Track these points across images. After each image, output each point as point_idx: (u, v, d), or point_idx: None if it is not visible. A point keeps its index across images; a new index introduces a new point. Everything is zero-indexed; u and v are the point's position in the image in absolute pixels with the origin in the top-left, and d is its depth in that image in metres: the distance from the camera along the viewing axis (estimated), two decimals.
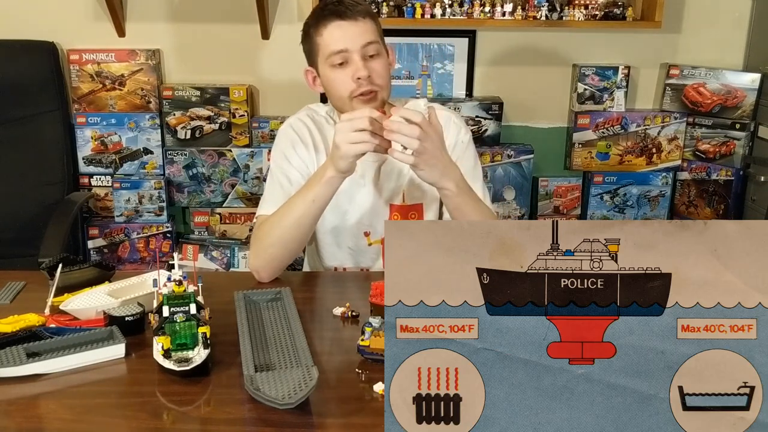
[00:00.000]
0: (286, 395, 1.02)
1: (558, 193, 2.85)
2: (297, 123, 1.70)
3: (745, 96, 2.70)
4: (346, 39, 1.55)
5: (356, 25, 1.54)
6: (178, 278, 1.21)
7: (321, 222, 1.64)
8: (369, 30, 1.56)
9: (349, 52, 1.54)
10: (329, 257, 1.72)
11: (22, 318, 1.29)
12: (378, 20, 1.61)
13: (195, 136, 2.74)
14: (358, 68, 1.54)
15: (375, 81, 1.55)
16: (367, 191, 1.66)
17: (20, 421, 1.06)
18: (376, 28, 1.59)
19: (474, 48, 2.75)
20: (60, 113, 2.65)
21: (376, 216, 1.68)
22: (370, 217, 1.68)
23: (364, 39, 1.55)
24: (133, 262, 2.81)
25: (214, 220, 2.82)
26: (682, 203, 2.88)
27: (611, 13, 2.64)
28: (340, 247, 1.71)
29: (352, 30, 1.54)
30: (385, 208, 1.68)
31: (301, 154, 1.66)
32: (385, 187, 1.67)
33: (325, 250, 1.72)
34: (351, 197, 1.66)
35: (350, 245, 1.70)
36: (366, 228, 1.69)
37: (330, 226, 1.68)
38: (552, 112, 2.85)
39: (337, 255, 1.71)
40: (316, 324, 1.35)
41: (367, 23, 1.56)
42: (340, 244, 1.70)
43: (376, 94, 1.56)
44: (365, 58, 1.55)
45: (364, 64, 1.54)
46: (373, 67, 1.55)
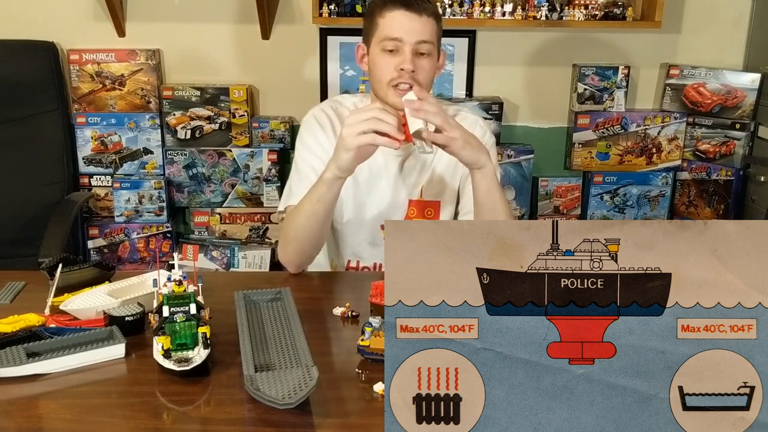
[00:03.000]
0: (286, 395, 1.02)
1: (558, 193, 2.85)
2: (319, 113, 1.73)
3: (745, 96, 2.70)
4: (405, 29, 1.56)
5: (419, 20, 1.56)
6: (178, 278, 1.21)
7: (339, 212, 1.69)
8: (429, 29, 1.58)
9: (403, 43, 1.57)
10: (346, 248, 1.75)
11: (22, 318, 1.29)
12: (441, 23, 1.63)
13: (195, 136, 2.74)
14: (405, 60, 1.56)
15: (417, 77, 1.57)
16: (388, 185, 1.69)
17: (20, 421, 1.06)
18: (437, 30, 1.60)
19: (474, 48, 2.75)
20: (60, 113, 2.65)
21: (395, 210, 1.71)
22: (388, 210, 1.71)
23: (421, 35, 1.57)
24: (133, 262, 2.81)
25: (214, 220, 2.82)
26: (682, 203, 2.88)
27: (611, 13, 2.64)
28: (357, 238, 1.73)
29: (413, 23, 1.56)
30: (404, 203, 1.71)
31: (322, 142, 1.68)
32: (406, 182, 1.70)
33: (343, 241, 1.75)
34: (370, 189, 1.69)
35: (368, 238, 1.72)
36: (383, 221, 1.71)
37: (348, 217, 1.71)
38: (552, 112, 2.85)
39: (354, 247, 1.74)
40: (316, 324, 1.35)
41: (430, 22, 1.58)
42: (358, 236, 1.73)
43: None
44: (415, 53, 1.57)
45: (412, 58, 1.56)
46: (420, 63, 1.58)
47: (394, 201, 1.70)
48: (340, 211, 1.70)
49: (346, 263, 1.77)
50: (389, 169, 1.69)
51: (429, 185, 1.71)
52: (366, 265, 1.75)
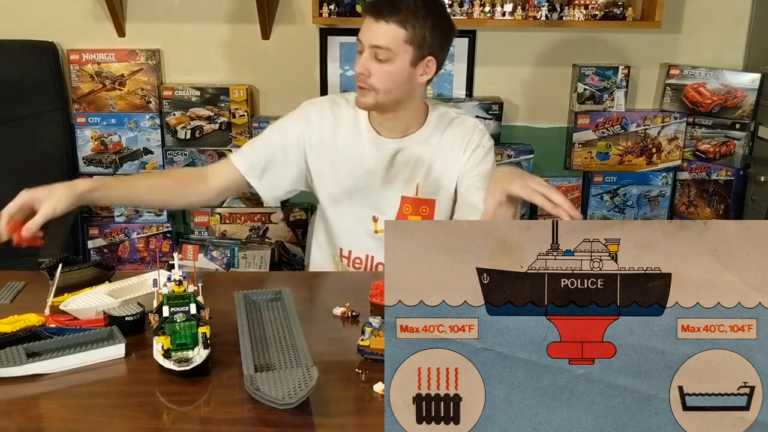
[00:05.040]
0: (286, 395, 1.02)
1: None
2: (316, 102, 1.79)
3: (745, 96, 2.70)
4: (366, 33, 1.61)
5: (377, 25, 1.59)
6: (178, 278, 1.21)
7: (327, 203, 1.76)
8: (390, 35, 1.58)
9: (363, 45, 1.62)
10: (338, 238, 1.78)
11: (22, 318, 1.29)
12: (420, 30, 1.59)
13: (195, 136, 2.74)
14: (359, 62, 1.62)
15: (369, 81, 1.62)
16: (377, 177, 1.72)
17: (20, 421, 1.06)
18: (403, 37, 1.59)
19: (474, 48, 2.75)
20: (60, 113, 2.64)
21: (385, 203, 1.73)
22: (378, 201, 1.73)
23: (376, 40, 1.59)
24: (133, 262, 2.81)
25: (214, 220, 2.82)
26: (682, 203, 2.88)
27: (611, 13, 2.64)
28: (349, 229, 1.76)
29: (374, 28, 1.59)
30: (396, 198, 1.72)
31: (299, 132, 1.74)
32: (398, 176, 1.72)
33: (334, 230, 1.78)
34: (359, 182, 1.73)
35: (360, 229, 1.75)
36: (374, 212, 1.73)
37: (338, 208, 1.75)
38: (552, 112, 2.85)
39: (346, 237, 1.77)
40: (316, 324, 1.35)
41: (392, 29, 1.58)
42: (349, 227, 1.76)
43: (370, 93, 1.63)
44: (373, 57, 1.60)
45: (365, 61, 1.61)
46: (374, 68, 1.60)
47: (384, 193, 1.73)
48: (328, 202, 1.75)
49: (338, 252, 1.79)
50: (379, 162, 1.72)
51: (425, 183, 1.72)
52: (358, 255, 1.77)
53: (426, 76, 1.66)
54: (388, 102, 1.65)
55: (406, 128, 1.72)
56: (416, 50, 1.61)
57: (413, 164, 1.72)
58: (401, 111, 1.69)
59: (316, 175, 1.76)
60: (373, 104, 1.65)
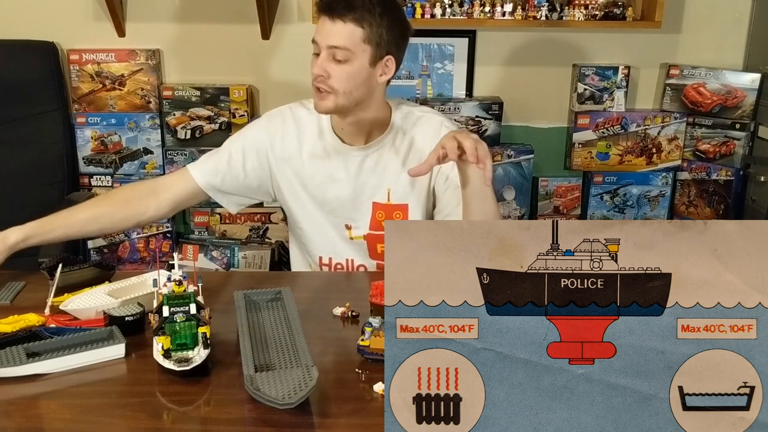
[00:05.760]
0: (286, 395, 1.02)
1: (558, 193, 2.85)
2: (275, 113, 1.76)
3: (745, 96, 2.70)
4: (321, 33, 1.58)
5: (335, 25, 1.55)
6: (178, 278, 1.21)
7: (298, 214, 1.73)
8: (348, 35, 1.55)
9: (319, 46, 1.59)
10: (315, 247, 1.76)
11: (22, 318, 1.29)
12: (377, 28, 1.56)
13: (195, 136, 2.74)
14: (315, 64, 1.59)
15: (328, 82, 1.59)
16: (346, 185, 1.69)
17: (20, 421, 1.06)
18: (361, 36, 1.55)
19: (474, 48, 2.75)
20: (60, 113, 2.64)
21: (356, 210, 1.71)
22: (349, 210, 1.71)
23: (332, 40, 1.56)
24: (133, 262, 2.81)
25: (214, 220, 2.82)
26: (682, 203, 2.88)
27: (611, 13, 2.63)
28: (325, 238, 1.74)
29: (329, 28, 1.56)
30: (368, 204, 1.70)
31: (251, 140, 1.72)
32: (368, 183, 1.69)
33: (309, 240, 1.76)
34: (327, 190, 1.70)
35: (336, 236, 1.73)
36: (346, 220, 1.71)
37: (310, 220, 1.73)
38: (552, 112, 2.84)
39: (323, 245, 1.75)
40: (316, 324, 1.35)
41: (348, 27, 1.54)
42: (325, 236, 1.74)
43: (330, 95, 1.60)
44: (331, 58, 1.57)
45: (323, 63, 1.58)
46: (332, 69, 1.57)
47: (354, 201, 1.70)
48: (303, 207, 1.73)
49: (318, 260, 1.76)
50: (348, 172, 1.69)
51: (396, 186, 1.69)
52: (339, 261, 1.75)
53: (386, 76, 1.62)
54: (348, 104, 1.61)
55: (369, 133, 1.68)
56: (374, 49, 1.58)
57: (382, 170, 1.69)
58: (362, 113, 1.64)
59: (286, 189, 1.73)
60: (333, 107, 1.61)
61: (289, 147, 1.71)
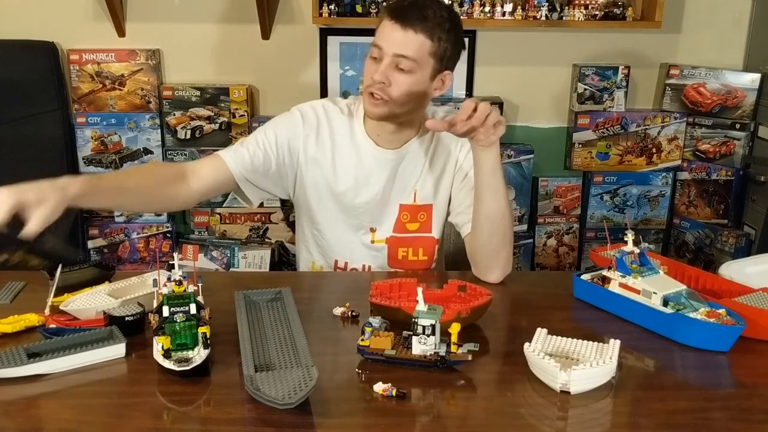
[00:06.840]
0: (286, 395, 1.02)
1: (558, 193, 2.85)
2: (308, 110, 1.69)
3: (745, 96, 2.70)
4: (388, 40, 1.52)
5: (406, 34, 1.51)
6: (178, 278, 1.20)
7: (324, 210, 1.70)
8: (416, 46, 1.51)
9: (383, 52, 1.53)
10: (333, 249, 1.74)
11: (22, 318, 1.29)
12: (444, 43, 1.54)
13: (195, 136, 2.74)
14: (379, 70, 1.53)
15: (387, 90, 1.54)
16: (377, 189, 1.68)
17: (20, 421, 1.06)
18: (429, 49, 1.53)
19: (474, 48, 2.75)
20: (60, 113, 2.65)
21: (382, 213, 1.70)
22: (377, 213, 1.70)
23: (400, 49, 1.51)
24: (133, 262, 2.81)
25: (214, 220, 2.82)
26: (682, 203, 2.88)
27: (611, 13, 2.64)
28: (344, 240, 1.72)
29: (398, 36, 1.51)
30: (395, 206, 1.70)
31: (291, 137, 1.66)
32: (396, 186, 1.69)
33: (328, 242, 1.74)
34: (358, 193, 1.68)
35: (356, 240, 1.72)
36: (371, 224, 1.70)
37: (334, 221, 1.71)
38: (552, 112, 2.85)
39: (342, 248, 1.73)
40: (316, 324, 1.35)
41: (418, 39, 1.51)
42: (345, 239, 1.72)
43: (386, 103, 1.56)
44: (394, 66, 1.53)
45: (386, 70, 1.53)
46: (394, 77, 1.53)
47: (383, 204, 1.69)
48: (320, 215, 1.70)
49: (333, 263, 1.75)
50: (381, 175, 1.67)
51: (423, 188, 1.69)
52: (355, 266, 1.74)
53: (440, 91, 1.61)
54: (399, 113, 1.59)
55: (405, 138, 1.67)
56: (437, 63, 1.56)
57: (410, 171, 1.69)
58: (406, 123, 1.64)
59: (310, 190, 1.69)
60: (386, 115, 1.58)
61: (321, 148, 1.67)
